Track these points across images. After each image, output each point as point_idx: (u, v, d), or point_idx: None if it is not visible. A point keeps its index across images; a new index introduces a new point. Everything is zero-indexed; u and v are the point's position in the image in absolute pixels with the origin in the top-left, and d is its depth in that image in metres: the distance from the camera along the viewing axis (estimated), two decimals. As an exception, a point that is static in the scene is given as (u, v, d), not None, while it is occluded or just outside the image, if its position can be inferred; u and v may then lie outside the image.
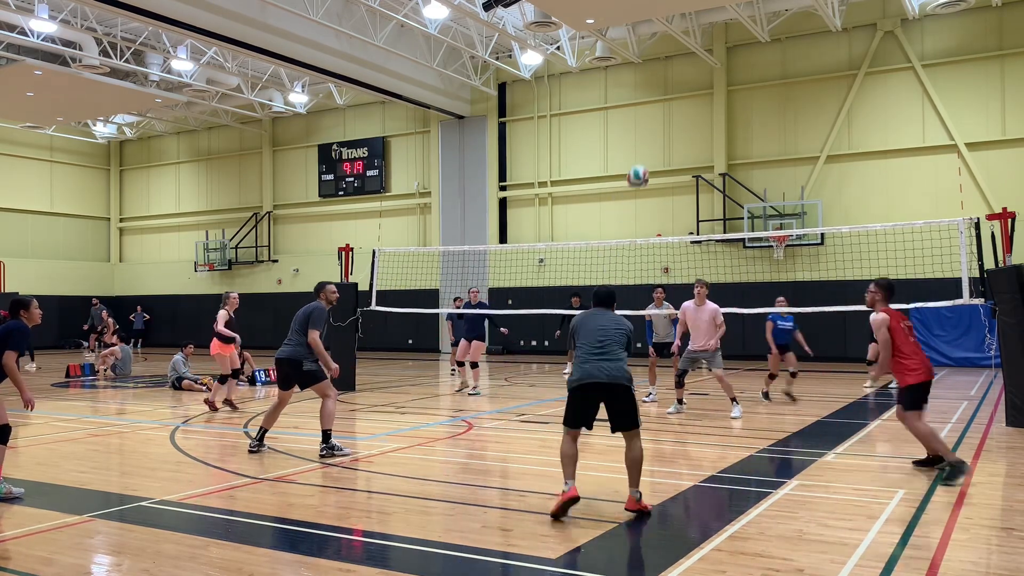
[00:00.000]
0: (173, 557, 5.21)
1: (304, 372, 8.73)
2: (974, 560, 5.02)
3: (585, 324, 6.59)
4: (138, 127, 33.86)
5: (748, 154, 23.49)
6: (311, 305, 8.95)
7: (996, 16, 20.57)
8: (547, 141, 26.37)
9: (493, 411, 12.54)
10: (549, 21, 19.85)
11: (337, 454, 8.60)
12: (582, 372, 6.35)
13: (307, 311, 8.88)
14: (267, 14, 19.75)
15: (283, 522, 6.09)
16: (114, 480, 7.88)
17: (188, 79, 25.33)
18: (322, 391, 8.79)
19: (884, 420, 11.03)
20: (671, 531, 5.98)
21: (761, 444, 9.21)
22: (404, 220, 29.01)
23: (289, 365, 8.80)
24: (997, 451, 8.68)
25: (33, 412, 9.05)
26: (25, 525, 5.97)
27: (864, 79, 21.95)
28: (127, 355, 19.52)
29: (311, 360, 8.72)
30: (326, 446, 8.64)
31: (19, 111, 27.90)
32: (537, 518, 6.07)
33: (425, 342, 27.83)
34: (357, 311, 15.36)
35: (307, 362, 8.70)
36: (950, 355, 19.98)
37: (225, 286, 32.33)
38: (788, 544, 5.34)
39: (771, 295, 14.88)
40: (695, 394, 14.26)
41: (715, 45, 23.49)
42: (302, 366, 8.70)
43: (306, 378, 8.78)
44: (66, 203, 34.23)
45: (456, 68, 25.55)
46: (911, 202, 21.14)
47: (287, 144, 31.67)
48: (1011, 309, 10.39)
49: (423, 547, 5.43)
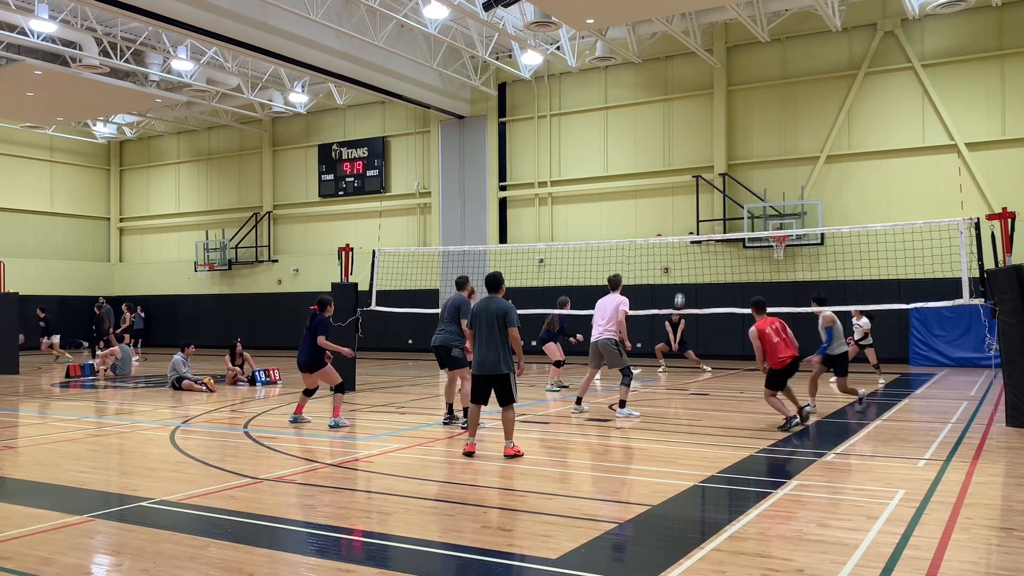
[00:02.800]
0: (173, 557, 5.21)
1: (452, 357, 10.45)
2: (974, 560, 5.02)
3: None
4: (138, 127, 33.85)
5: (748, 154, 23.49)
6: (459, 297, 10.63)
7: (996, 16, 20.56)
8: (547, 141, 26.37)
9: (493, 411, 12.54)
10: (549, 21, 19.85)
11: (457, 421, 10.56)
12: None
13: (456, 303, 10.54)
14: (267, 14, 19.75)
15: (283, 522, 6.08)
16: (114, 480, 7.88)
17: (188, 79, 25.33)
18: (461, 375, 10.43)
19: (884, 420, 11.03)
20: (671, 531, 5.98)
21: (761, 444, 9.21)
22: (404, 220, 29.01)
23: (443, 350, 10.55)
24: (997, 451, 8.68)
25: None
26: (25, 525, 5.97)
27: (864, 79, 21.95)
28: (127, 355, 19.53)
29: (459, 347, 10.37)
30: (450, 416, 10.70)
31: (19, 111, 27.89)
32: (537, 518, 6.08)
33: (425, 342, 27.67)
34: (357, 311, 15.36)
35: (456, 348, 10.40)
36: (950, 355, 19.98)
37: (225, 286, 32.36)
38: (788, 544, 5.34)
39: (771, 295, 14.90)
40: (695, 394, 14.26)
41: (715, 45, 23.49)
42: (451, 351, 10.42)
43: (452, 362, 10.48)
44: (66, 203, 34.23)
45: (456, 68, 25.55)
46: (911, 202, 21.14)
47: (287, 144, 31.67)
48: (1011, 309, 10.39)
49: (423, 547, 5.43)
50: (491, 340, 8.36)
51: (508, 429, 8.48)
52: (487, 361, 8.35)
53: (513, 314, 8.41)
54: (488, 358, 8.34)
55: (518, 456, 8.34)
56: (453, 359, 10.48)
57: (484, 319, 8.43)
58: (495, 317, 8.38)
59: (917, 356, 20.34)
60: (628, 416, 11.27)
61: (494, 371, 8.35)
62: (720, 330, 21.61)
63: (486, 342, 8.37)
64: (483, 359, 8.38)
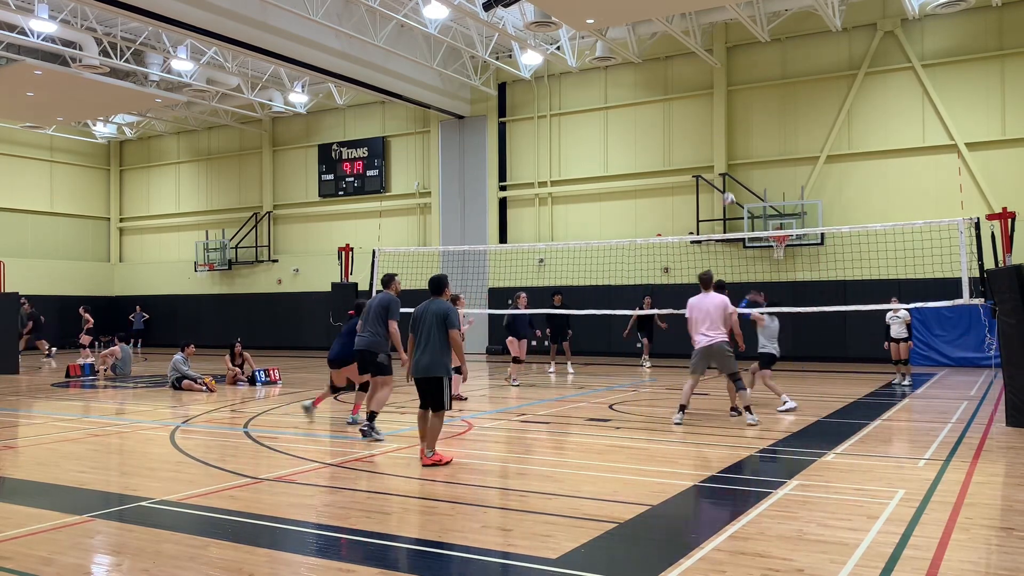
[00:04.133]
0: (173, 557, 5.21)
1: (377, 363, 9.61)
2: (974, 560, 5.02)
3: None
4: (138, 127, 33.85)
5: (748, 154, 23.48)
6: (386, 296, 9.74)
7: (996, 16, 20.56)
8: (547, 141, 26.37)
9: (493, 411, 12.54)
10: (549, 21, 19.85)
11: (375, 435, 9.43)
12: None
13: (384, 302, 9.66)
14: (267, 14, 19.74)
15: (283, 522, 6.08)
16: (114, 480, 7.88)
17: (188, 79, 25.33)
18: (383, 381, 9.66)
19: (884, 420, 11.03)
20: (671, 531, 5.98)
21: (761, 444, 9.21)
22: (404, 220, 29.00)
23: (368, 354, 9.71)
24: (997, 451, 8.68)
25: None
26: (25, 525, 5.97)
27: (864, 79, 21.95)
28: (127, 355, 19.52)
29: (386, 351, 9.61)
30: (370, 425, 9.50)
31: (19, 111, 27.89)
32: (537, 518, 6.08)
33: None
34: (357, 311, 15.35)
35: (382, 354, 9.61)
36: (950, 355, 19.98)
37: (225, 286, 32.36)
38: (788, 544, 5.34)
39: (771, 295, 14.91)
40: (695, 394, 14.24)
41: (715, 45, 23.49)
42: (376, 356, 9.58)
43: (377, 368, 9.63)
44: (66, 203, 34.23)
45: (456, 68, 25.55)
46: (911, 202, 21.13)
47: (287, 144, 31.67)
48: (1011, 309, 10.39)
49: (423, 547, 5.43)
50: (430, 343, 8.10)
51: (432, 437, 8.15)
52: (420, 364, 8.12)
53: (454, 316, 8.17)
54: (421, 361, 8.11)
55: (439, 465, 7.94)
56: (378, 365, 9.71)
57: (424, 321, 8.18)
58: (435, 318, 8.12)
59: (917, 356, 20.31)
60: (755, 423, 10.39)
61: (426, 374, 8.10)
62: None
63: (425, 345, 8.12)
64: (417, 361, 8.15)
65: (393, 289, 9.95)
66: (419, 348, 8.17)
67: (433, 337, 8.10)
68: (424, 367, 8.10)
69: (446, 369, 8.13)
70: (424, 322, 8.18)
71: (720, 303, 10.70)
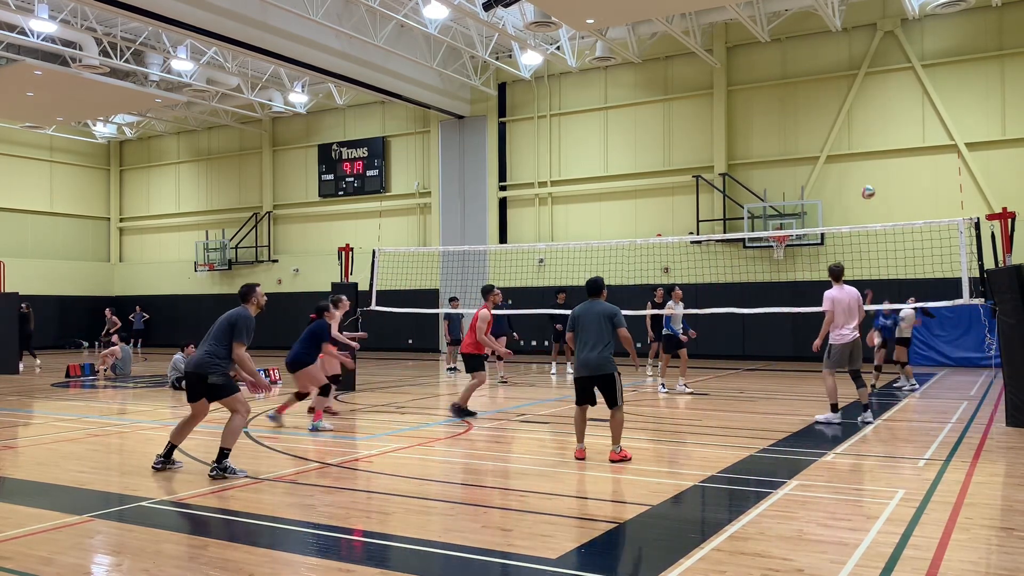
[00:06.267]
0: (173, 557, 5.21)
1: (210, 385, 7.74)
2: (974, 560, 5.02)
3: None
4: (138, 127, 33.85)
5: (748, 154, 23.48)
6: (239, 312, 8.10)
7: (996, 16, 20.56)
8: (547, 141, 26.37)
9: (493, 411, 12.53)
10: (549, 21, 19.85)
11: (230, 476, 7.51)
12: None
13: (232, 318, 7.99)
14: (267, 14, 19.75)
15: (283, 522, 6.08)
16: (114, 480, 7.88)
17: (188, 79, 25.33)
18: (232, 404, 7.87)
19: (884, 420, 11.03)
20: (671, 531, 5.98)
21: (761, 444, 9.21)
22: (404, 220, 29.01)
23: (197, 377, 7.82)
24: (997, 451, 8.68)
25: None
26: (25, 525, 5.97)
27: (864, 79, 21.95)
28: (127, 355, 19.52)
29: (223, 372, 7.77)
30: (218, 466, 7.56)
31: (19, 111, 27.90)
32: (537, 518, 6.07)
33: (425, 342, 27.83)
34: (357, 311, 15.38)
35: (215, 375, 7.73)
36: (950, 355, 19.98)
37: (225, 286, 32.34)
38: (788, 544, 5.34)
39: (771, 295, 14.94)
40: (696, 394, 14.25)
41: (715, 45, 23.49)
42: (207, 379, 7.72)
43: (212, 392, 7.79)
44: (66, 203, 34.23)
45: (456, 68, 25.55)
46: (911, 202, 21.13)
47: (287, 144, 31.67)
48: (1011, 309, 10.39)
49: (423, 547, 5.43)
50: (599, 342, 8.23)
51: (617, 432, 8.26)
52: (590, 362, 8.23)
53: (621, 316, 8.38)
54: (591, 359, 8.22)
55: (625, 461, 8.08)
56: (212, 388, 7.77)
57: (589, 321, 8.33)
58: (602, 318, 8.30)
59: (917, 356, 20.31)
60: (868, 423, 10.48)
61: (599, 371, 8.20)
62: (720, 330, 21.60)
63: (593, 344, 8.23)
64: (586, 359, 8.26)
65: (253, 303, 8.32)
66: (586, 347, 8.27)
67: (603, 335, 8.24)
68: (596, 365, 8.20)
69: (615, 367, 8.27)
70: (589, 322, 8.32)
71: (856, 296, 10.70)
